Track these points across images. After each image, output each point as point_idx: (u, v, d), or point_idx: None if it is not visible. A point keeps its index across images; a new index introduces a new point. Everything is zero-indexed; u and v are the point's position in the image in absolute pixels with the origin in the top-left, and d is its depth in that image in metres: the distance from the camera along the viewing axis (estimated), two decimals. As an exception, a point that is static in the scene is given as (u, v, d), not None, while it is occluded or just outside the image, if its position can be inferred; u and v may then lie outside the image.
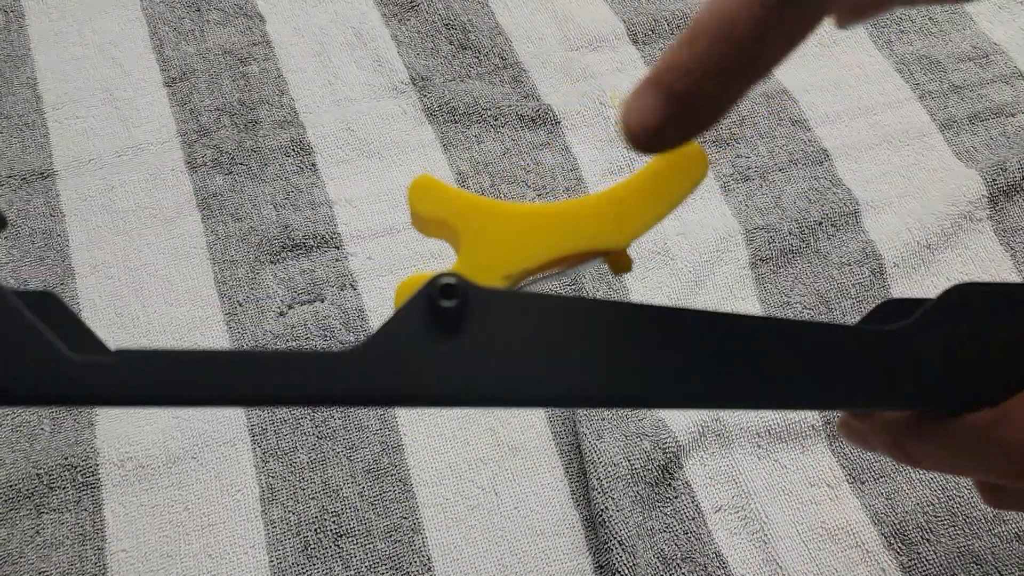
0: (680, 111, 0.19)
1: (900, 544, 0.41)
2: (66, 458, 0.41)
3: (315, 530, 0.40)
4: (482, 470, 0.42)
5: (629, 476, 0.41)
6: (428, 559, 0.40)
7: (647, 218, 0.23)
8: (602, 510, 0.40)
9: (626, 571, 0.38)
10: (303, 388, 0.20)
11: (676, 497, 0.41)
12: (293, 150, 0.52)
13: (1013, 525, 0.42)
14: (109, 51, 0.55)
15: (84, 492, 0.41)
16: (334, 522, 0.41)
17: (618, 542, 0.39)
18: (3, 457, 0.41)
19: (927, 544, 0.41)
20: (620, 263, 0.24)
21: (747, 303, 0.47)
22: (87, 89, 0.54)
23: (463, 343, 0.21)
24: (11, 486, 0.40)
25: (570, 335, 0.21)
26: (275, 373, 0.20)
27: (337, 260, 0.48)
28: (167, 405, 0.21)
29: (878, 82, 0.56)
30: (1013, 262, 0.49)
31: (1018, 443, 0.21)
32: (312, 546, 0.40)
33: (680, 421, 0.43)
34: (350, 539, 0.40)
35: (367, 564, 0.40)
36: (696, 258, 0.48)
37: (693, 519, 0.41)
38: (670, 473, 0.42)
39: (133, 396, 0.20)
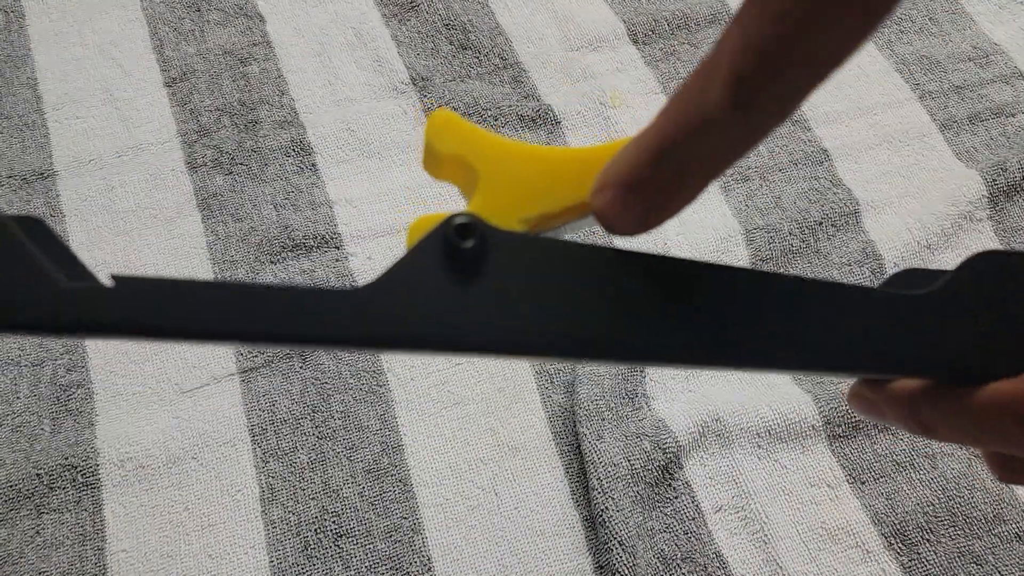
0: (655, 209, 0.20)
1: (900, 544, 0.41)
2: (66, 458, 0.41)
3: (315, 530, 0.40)
4: (482, 470, 0.42)
5: (629, 476, 0.41)
6: (428, 559, 0.40)
7: None
8: (602, 510, 0.40)
9: (626, 571, 0.38)
10: (310, 326, 0.19)
11: (676, 497, 0.41)
12: (293, 150, 0.52)
13: (1013, 525, 0.41)
14: (109, 51, 0.55)
15: (84, 492, 0.41)
16: (334, 522, 0.41)
17: (618, 542, 0.39)
18: (3, 457, 0.41)
19: (927, 544, 0.41)
20: None
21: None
22: (87, 89, 0.54)
23: (482, 286, 0.20)
24: (11, 486, 0.40)
25: (595, 283, 0.21)
26: (280, 308, 0.19)
27: (337, 260, 0.48)
28: (166, 337, 0.19)
29: (878, 82, 0.56)
30: (1013, 262, 0.49)
31: None
32: (312, 546, 0.40)
33: (680, 421, 0.43)
34: (350, 539, 0.40)
35: (367, 564, 0.40)
36: (696, 258, 0.48)
37: (693, 519, 0.41)
38: (670, 473, 0.42)
39: (131, 325, 0.19)
